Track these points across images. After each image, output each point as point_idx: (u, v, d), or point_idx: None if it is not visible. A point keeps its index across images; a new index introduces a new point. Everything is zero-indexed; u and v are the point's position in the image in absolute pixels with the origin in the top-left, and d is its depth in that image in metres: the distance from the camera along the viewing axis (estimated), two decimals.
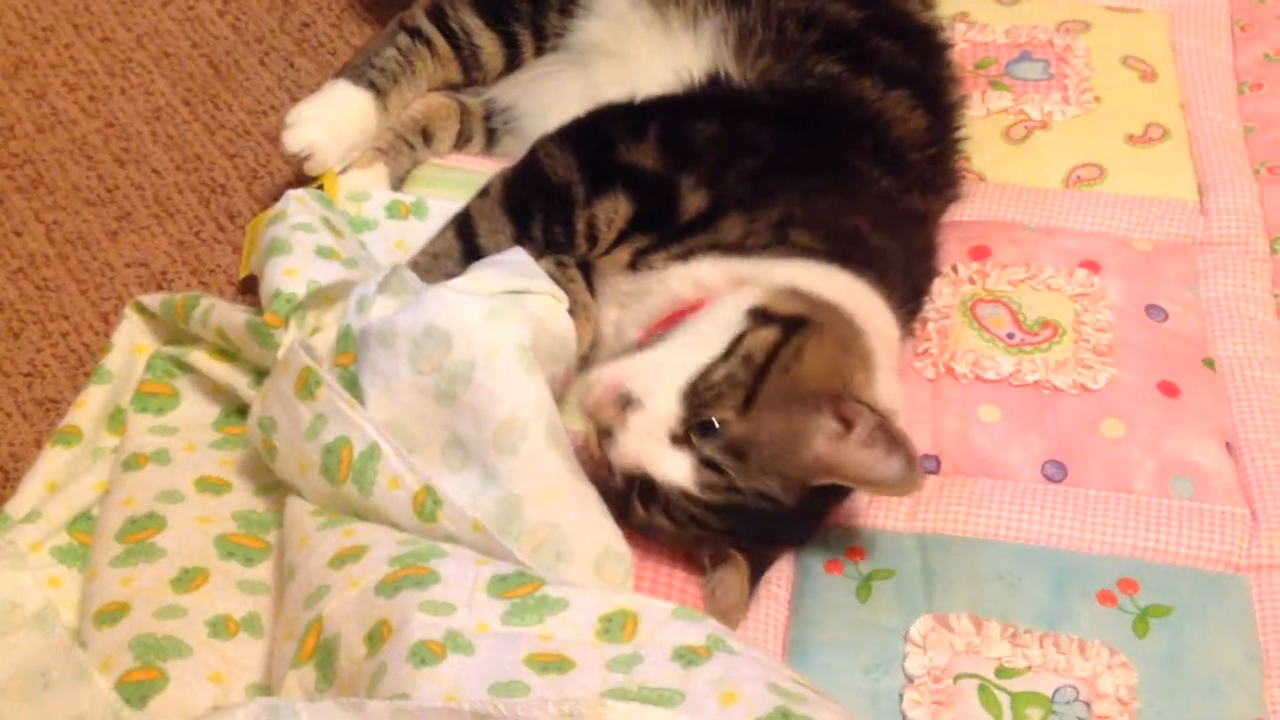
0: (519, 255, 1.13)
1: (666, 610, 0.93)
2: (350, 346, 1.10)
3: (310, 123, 1.36)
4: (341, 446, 1.02)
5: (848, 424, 1.02)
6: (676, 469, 1.02)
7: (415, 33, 1.42)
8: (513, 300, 1.07)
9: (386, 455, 1.01)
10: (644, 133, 1.21)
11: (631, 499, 1.05)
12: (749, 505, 1.02)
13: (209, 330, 1.18)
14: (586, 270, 1.20)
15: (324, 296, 1.17)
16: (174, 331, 1.24)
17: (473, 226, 1.23)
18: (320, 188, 1.33)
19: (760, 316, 1.06)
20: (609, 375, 1.05)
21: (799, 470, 1.02)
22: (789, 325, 1.05)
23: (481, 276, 1.09)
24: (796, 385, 1.03)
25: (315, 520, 1.03)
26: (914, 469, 1.00)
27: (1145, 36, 1.54)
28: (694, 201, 1.17)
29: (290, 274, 1.17)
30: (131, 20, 1.67)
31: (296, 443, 1.04)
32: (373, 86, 1.39)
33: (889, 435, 1.01)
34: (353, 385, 1.07)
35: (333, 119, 1.37)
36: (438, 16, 1.43)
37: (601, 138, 1.22)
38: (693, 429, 1.02)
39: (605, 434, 1.05)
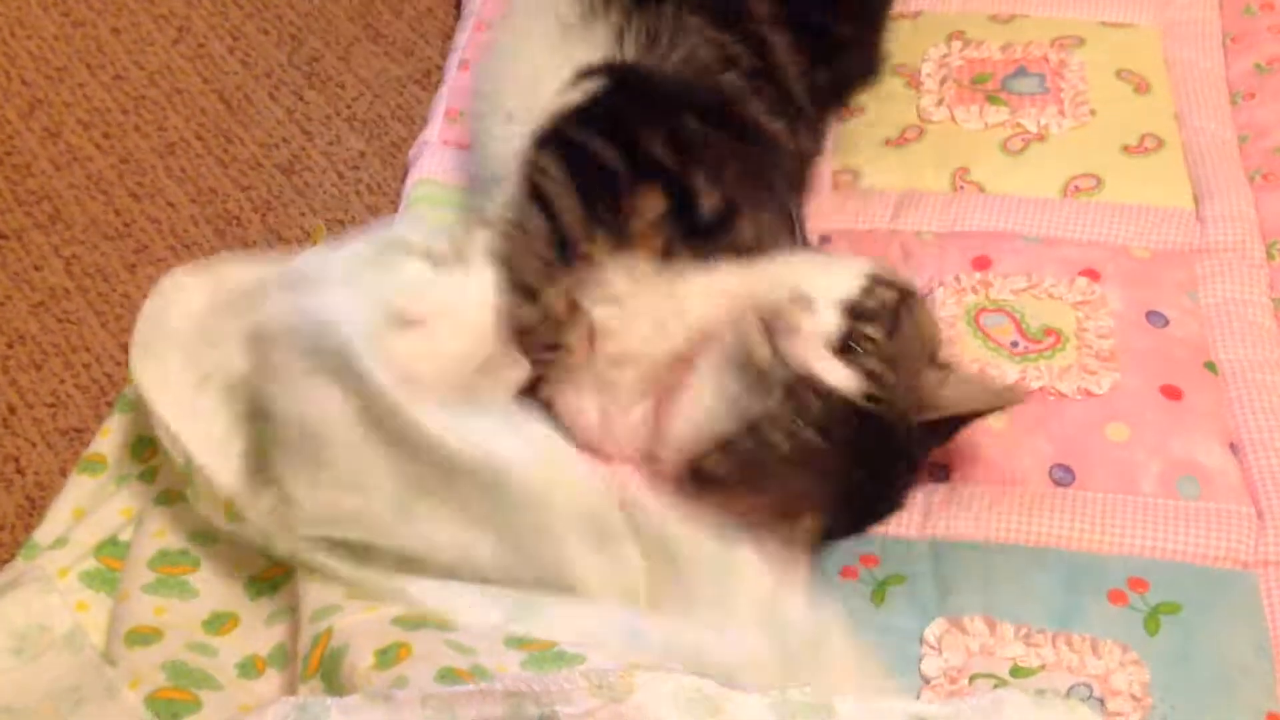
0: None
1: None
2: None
3: None
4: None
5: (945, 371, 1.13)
6: (844, 376, 1.07)
7: None
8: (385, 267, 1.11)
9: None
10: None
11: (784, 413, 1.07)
12: (894, 425, 1.08)
13: None
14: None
15: None
16: None
17: None
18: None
19: (877, 280, 1.13)
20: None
21: (918, 401, 1.10)
22: (904, 291, 1.14)
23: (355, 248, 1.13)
24: (912, 340, 1.12)
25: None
26: (1013, 386, 1.18)
27: (1138, 50, 1.57)
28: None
29: None
30: (143, 58, 1.70)
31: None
32: None
33: (979, 375, 1.18)
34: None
35: None
36: None
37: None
38: (854, 340, 1.07)
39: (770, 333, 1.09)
